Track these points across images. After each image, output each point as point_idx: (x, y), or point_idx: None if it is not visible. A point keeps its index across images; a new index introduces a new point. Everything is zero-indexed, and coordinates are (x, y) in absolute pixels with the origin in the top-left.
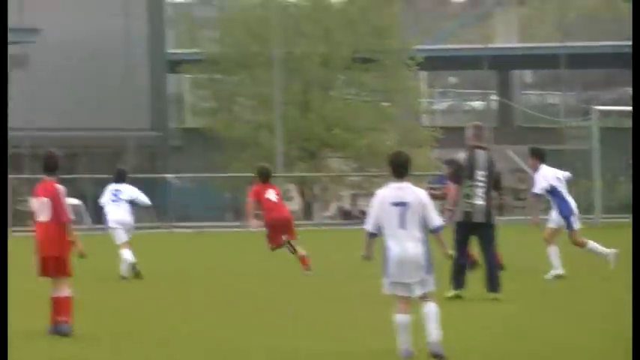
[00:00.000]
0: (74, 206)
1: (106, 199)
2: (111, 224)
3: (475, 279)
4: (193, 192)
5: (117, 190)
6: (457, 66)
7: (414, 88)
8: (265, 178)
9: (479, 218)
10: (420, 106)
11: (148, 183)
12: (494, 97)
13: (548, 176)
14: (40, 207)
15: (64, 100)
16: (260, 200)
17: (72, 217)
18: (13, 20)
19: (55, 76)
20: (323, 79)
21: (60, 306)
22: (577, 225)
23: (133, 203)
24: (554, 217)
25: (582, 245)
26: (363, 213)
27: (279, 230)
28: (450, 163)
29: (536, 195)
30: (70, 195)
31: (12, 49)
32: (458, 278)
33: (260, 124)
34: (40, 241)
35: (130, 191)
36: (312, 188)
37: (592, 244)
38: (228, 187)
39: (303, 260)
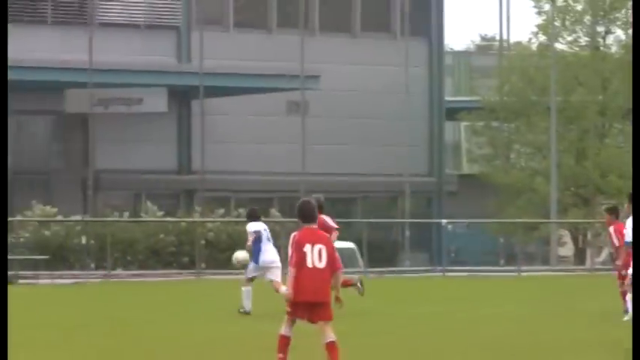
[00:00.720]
0: (347, 249)
1: (263, 237)
2: (262, 264)
3: None
4: (467, 236)
5: (267, 230)
6: None
7: None
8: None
9: None
10: None
11: (422, 227)
12: None
13: None
14: (314, 254)
15: (342, 146)
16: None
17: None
18: (294, 67)
19: (334, 122)
20: (599, 127)
21: (334, 350)
22: None
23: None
24: None
25: None
26: None
27: None
28: None
29: None
30: (347, 238)
31: (292, 95)
32: None
33: (535, 170)
34: (309, 285)
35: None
36: (585, 234)
37: None
38: (502, 232)
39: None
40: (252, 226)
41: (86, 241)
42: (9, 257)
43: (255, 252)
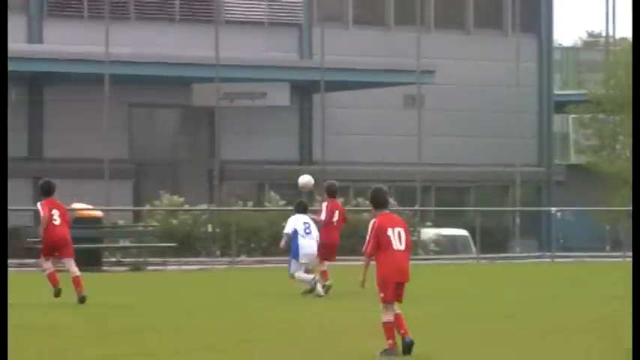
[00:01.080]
0: (461, 237)
1: (300, 231)
2: (303, 259)
3: None
4: (574, 224)
5: (307, 224)
6: None
7: None
8: (334, 194)
9: None
10: None
11: (532, 215)
12: None
13: None
14: (395, 237)
15: (456, 137)
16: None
17: None
18: (410, 62)
19: (448, 115)
20: None
21: (402, 319)
22: None
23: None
24: None
25: None
26: None
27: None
28: None
29: None
30: (460, 226)
31: (409, 89)
32: None
33: None
34: (397, 268)
35: (313, 225)
36: None
37: None
38: (608, 220)
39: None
40: (289, 224)
41: (212, 229)
42: (139, 245)
43: (293, 249)
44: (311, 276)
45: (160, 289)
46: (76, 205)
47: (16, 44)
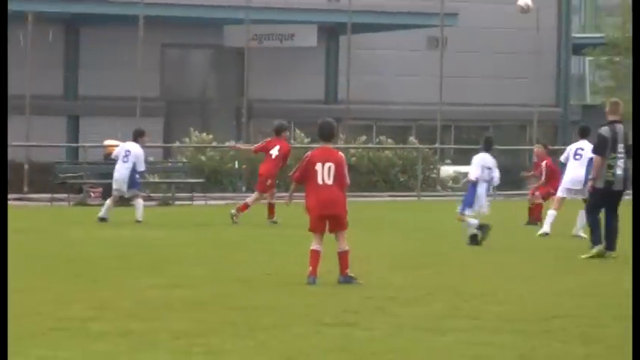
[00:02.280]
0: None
1: (119, 157)
2: (114, 184)
3: None
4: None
5: (128, 151)
6: None
7: None
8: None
9: (618, 187)
10: None
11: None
12: None
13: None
14: (324, 171)
15: (477, 78)
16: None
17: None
18: (434, 5)
19: (469, 57)
20: None
21: (345, 258)
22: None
23: (133, 165)
24: None
25: None
26: None
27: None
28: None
29: None
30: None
31: (432, 32)
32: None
33: None
34: (321, 201)
35: (136, 155)
36: None
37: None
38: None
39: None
40: (117, 149)
41: (238, 166)
42: (167, 181)
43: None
44: (104, 214)
45: (186, 224)
46: (107, 142)
47: None
